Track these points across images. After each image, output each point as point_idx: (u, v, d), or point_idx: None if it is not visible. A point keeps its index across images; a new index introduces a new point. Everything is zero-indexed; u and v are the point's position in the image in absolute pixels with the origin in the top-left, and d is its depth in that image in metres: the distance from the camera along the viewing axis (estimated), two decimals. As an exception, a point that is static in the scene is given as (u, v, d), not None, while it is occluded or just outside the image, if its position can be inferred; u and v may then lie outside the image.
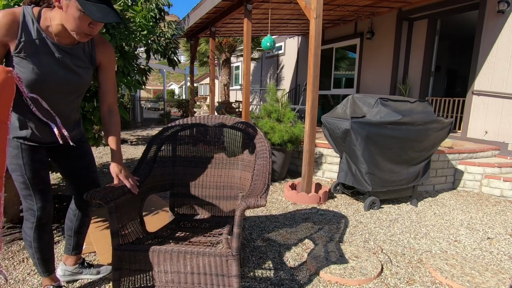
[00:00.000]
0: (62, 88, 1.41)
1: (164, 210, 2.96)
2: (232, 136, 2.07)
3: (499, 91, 4.79)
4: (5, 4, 1.90)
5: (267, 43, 5.28)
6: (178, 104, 14.05)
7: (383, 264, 2.20)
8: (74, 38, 1.37)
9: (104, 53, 1.53)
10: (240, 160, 2.07)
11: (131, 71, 2.63)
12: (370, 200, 3.27)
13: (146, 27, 2.60)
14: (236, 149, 2.08)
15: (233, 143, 2.08)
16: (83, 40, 1.34)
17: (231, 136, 2.08)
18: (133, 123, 11.37)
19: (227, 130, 2.09)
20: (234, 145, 2.08)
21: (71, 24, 1.27)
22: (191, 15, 6.79)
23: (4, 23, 1.24)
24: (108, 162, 5.26)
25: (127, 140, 7.72)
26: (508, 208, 3.51)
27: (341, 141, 3.28)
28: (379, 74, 6.86)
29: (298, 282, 1.94)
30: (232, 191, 2.06)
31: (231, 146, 2.09)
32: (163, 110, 13.39)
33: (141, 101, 12.76)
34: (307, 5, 3.27)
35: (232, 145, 2.09)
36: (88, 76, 1.50)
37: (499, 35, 4.76)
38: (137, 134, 9.16)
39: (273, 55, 10.93)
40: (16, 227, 2.55)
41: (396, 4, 6.00)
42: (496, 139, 4.83)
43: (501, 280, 2.01)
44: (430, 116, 3.29)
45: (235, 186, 2.06)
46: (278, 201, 3.48)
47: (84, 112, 2.50)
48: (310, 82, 3.30)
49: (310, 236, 2.60)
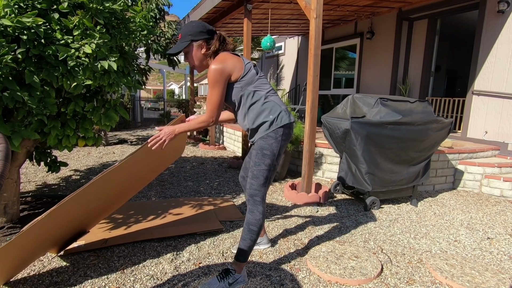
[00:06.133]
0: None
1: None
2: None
3: (499, 91, 4.79)
4: (5, 4, 1.90)
5: (267, 43, 5.28)
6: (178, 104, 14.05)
7: (383, 264, 2.20)
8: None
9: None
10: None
11: (131, 71, 2.63)
12: (370, 200, 3.26)
13: (146, 27, 2.60)
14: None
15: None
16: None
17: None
18: (133, 123, 11.37)
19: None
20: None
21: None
22: (191, 15, 6.78)
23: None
24: (108, 162, 5.26)
25: (127, 140, 7.72)
26: (508, 208, 3.51)
27: (341, 141, 3.28)
28: (379, 74, 6.86)
29: (298, 282, 1.94)
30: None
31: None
32: (163, 110, 13.40)
33: (141, 101, 12.76)
34: (307, 5, 3.27)
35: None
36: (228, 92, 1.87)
37: (499, 35, 4.76)
38: (137, 134, 9.16)
39: (273, 55, 10.93)
40: (16, 227, 2.55)
41: (396, 4, 6.00)
42: (496, 139, 4.83)
43: (501, 280, 2.01)
44: (430, 116, 3.29)
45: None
46: (278, 201, 3.47)
47: (84, 112, 2.50)
48: (310, 82, 3.30)
49: (310, 236, 2.60)
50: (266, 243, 2.36)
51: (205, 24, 1.86)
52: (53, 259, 2.12)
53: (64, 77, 2.11)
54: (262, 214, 1.86)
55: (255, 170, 1.85)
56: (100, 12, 2.20)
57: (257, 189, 1.85)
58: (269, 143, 1.83)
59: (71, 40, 2.09)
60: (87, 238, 2.35)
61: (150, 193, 3.61)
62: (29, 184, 3.85)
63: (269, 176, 1.86)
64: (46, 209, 2.97)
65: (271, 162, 1.84)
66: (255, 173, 1.85)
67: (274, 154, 1.84)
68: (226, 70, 1.76)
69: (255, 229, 1.84)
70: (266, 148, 1.84)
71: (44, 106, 2.13)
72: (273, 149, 1.84)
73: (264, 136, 1.84)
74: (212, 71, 1.75)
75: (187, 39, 1.82)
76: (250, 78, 1.83)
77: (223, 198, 3.46)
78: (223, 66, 1.75)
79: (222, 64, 1.75)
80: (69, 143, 2.52)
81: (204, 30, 1.83)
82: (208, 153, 6.27)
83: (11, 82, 1.93)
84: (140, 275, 1.97)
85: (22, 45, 1.94)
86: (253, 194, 1.86)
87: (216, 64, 1.75)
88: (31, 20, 1.91)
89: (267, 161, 1.83)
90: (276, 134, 1.84)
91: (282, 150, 1.89)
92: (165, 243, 2.39)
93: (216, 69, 1.74)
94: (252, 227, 1.84)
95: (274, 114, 1.84)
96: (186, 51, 1.85)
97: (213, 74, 1.74)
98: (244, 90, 1.83)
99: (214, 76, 1.74)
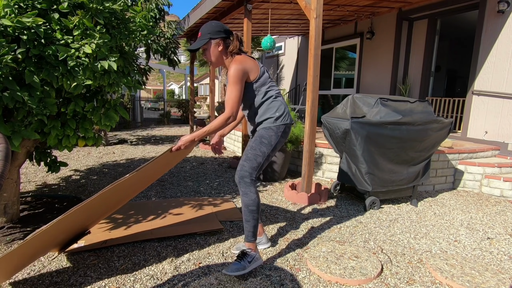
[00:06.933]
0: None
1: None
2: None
3: (499, 91, 4.79)
4: (5, 4, 1.90)
5: (267, 43, 5.27)
6: (178, 104, 14.05)
7: (383, 264, 2.20)
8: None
9: (228, 73, 1.97)
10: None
11: (131, 71, 2.63)
12: (370, 200, 3.26)
13: (146, 27, 2.59)
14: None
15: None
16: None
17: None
18: (133, 123, 11.37)
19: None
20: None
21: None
22: (191, 15, 6.79)
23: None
24: (108, 162, 5.26)
25: (127, 140, 7.72)
26: (508, 208, 3.51)
27: (341, 141, 3.28)
28: (379, 74, 6.86)
29: (298, 282, 1.94)
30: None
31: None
32: (163, 110, 13.39)
33: (141, 101, 12.76)
34: (307, 5, 3.27)
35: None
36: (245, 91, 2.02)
37: (499, 35, 4.76)
38: (137, 134, 9.16)
39: (273, 55, 10.93)
40: (16, 227, 2.55)
41: (396, 4, 6.00)
42: (496, 139, 4.83)
43: (501, 280, 2.01)
44: (430, 116, 3.29)
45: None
46: (278, 201, 3.47)
47: (84, 112, 2.50)
48: (310, 82, 3.30)
49: (310, 236, 2.60)
50: (266, 243, 2.36)
51: (223, 25, 2.04)
52: (53, 259, 2.12)
53: (64, 77, 2.11)
54: (256, 194, 2.02)
55: (250, 153, 2.02)
56: (100, 12, 2.20)
57: (248, 171, 2.00)
58: (269, 134, 2.03)
59: (71, 40, 2.09)
60: (87, 238, 2.35)
61: (150, 193, 3.61)
62: (29, 184, 3.85)
63: (262, 163, 2.03)
64: (46, 209, 2.98)
65: (266, 150, 2.02)
66: (249, 155, 2.02)
67: (271, 145, 2.03)
68: (246, 70, 1.96)
69: (254, 208, 2.01)
70: (265, 137, 2.03)
71: (44, 106, 2.13)
72: (271, 140, 2.03)
73: (267, 127, 2.05)
74: (234, 69, 1.92)
75: (206, 37, 2.00)
76: (264, 80, 2.05)
77: (223, 198, 3.46)
78: (244, 66, 1.94)
79: (243, 64, 1.95)
80: (69, 143, 2.52)
81: (222, 29, 2.01)
82: (208, 153, 6.27)
83: (11, 82, 1.93)
84: (140, 275, 1.97)
85: (22, 45, 1.94)
86: (243, 176, 2.01)
87: (238, 63, 1.94)
88: (31, 20, 1.91)
89: (263, 148, 2.02)
90: (278, 129, 2.05)
91: (278, 146, 2.08)
92: (165, 243, 2.39)
93: (238, 68, 1.92)
94: (251, 207, 2.00)
95: (279, 112, 2.06)
96: (205, 48, 2.03)
97: (235, 73, 1.91)
98: (258, 90, 2.04)
99: (236, 74, 1.91)
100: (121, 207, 2.99)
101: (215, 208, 3.10)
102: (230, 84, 1.93)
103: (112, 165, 5.01)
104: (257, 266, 2.03)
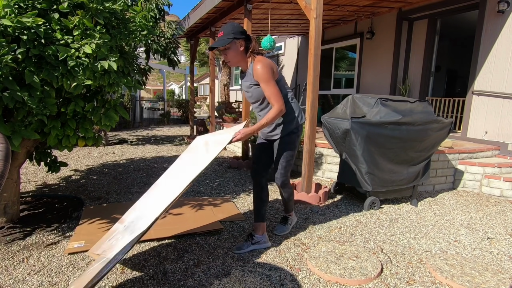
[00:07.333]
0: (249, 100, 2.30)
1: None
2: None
3: (499, 91, 4.78)
4: (5, 4, 1.90)
5: (267, 43, 5.27)
6: (178, 104, 14.04)
7: (383, 264, 2.20)
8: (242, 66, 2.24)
9: (255, 72, 2.08)
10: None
11: (131, 71, 2.63)
12: (370, 200, 3.26)
13: (146, 27, 2.59)
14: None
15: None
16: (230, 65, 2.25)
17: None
18: (133, 123, 11.37)
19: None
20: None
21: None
22: (191, 15, 6.78)
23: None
24: (108, 162, 5.26)
25: (127, 140, 7.72)
26: (508, 208, 3.51)
27: (341, 141, 3.28)
28: (379, 74, 6.86)
29: (298, 282, 1.94)
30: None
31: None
32: (163, 110, 13.39)
33: (141, 101, 12.75)
34: (307, 5, 3.27)
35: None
36: (254, 91, 2.17)
37: (499, 35, 4.76)
38: (137, 134, 9.16)
39: (273, 55, 10.93)
40: (16, 227, 2.55)
41: (396, 4, 6.00)
42: (496, 139, 4.83)
43: (501, 280, 2.01)
44: (430, 116, 3.29)
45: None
46: (278, 201, 3.47)
47: (84, 112, 2.50)
48: (310, 82, 3.30)
49: (310, 236, 2.60)
50: (266, 243, 2.37)
51: (242, 26, 2.16)
52: (53, 259, 2.12)
53: (64, 77, 2.10)
54: (291, 188, 2.51)
55: (284, 162, 2.29)
56: (100, 12, 2.20)
57: (285, 175, 2.34)
58: (293, 139, 2.28)
59: (71, 40, 2.09)
60: (88, 239, 2.35)
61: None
62: (29, 184, 3.85)
63: (292, 163, 2.36)
64: (46, 209, 2.98)
65: (293, 152, 2.31)
66: (284, 164, 2.29)
67: (296, 146, 2.32)
68: (273, 69, 2.10)
69: (292, 198, 2.56)
70: (291, 143, 2.28)
71: (44, 106, 2.13)
72: (295, 141, 2.30)
73: (289, 133, 2.26)
74: (264, 67, 2.04)
75: (230, 37, 2.07)
76: (283, 81, 2.23)
77: (223, 198, 3.46)
78: (271, 65, 2.08)
79: (269, 63, 2.08)
80: (69, 143, 2.52)
81: (243, 31, 2.13)
82: (208, 153, 6.25)
83: (11, 82, 1.93)
84: (140, 275, 1.97)
85: (22, 45, 1.94)
86: (284, 181, 2.37)
87: (264, 63, 2.06)
88: (31, 20, 1.91)
89: (291, 152, 2.29)
90: (297, 130, 2.30)
91: (298, 141, 2.36)
92: (165, 243, 2.39)
93: (267, 66, 2.05)
94: (291, 197, 2.54)
95: (297, 112, 2.28)
96: (228, 47, 2.10)
97: (266, 71, 2.04)
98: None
99: (267, 71, 2.04)
100: (121, 208, 2.99)
101: (215, 208, 3.10)
102: (264, 82, 2.05)
103: (112, 165, 5.01)
104: (294, 224, 2.71)
